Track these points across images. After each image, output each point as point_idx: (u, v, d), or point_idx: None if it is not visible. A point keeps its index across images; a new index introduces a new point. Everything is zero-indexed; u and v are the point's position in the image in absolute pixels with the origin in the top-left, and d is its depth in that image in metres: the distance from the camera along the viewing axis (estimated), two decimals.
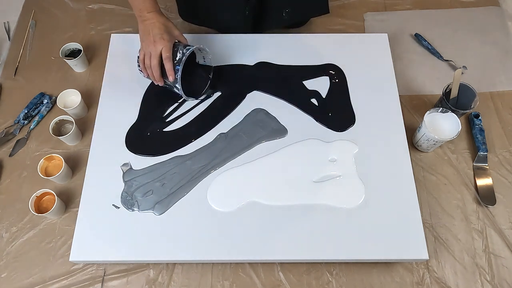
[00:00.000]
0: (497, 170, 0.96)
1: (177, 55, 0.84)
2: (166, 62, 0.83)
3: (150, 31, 0.83)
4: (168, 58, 0.83)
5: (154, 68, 0.84)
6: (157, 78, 0.86)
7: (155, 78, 0.86)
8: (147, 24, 0.84)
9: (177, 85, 0.85)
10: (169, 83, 0.87)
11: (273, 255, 0.79)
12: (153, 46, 0.83)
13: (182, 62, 0.83)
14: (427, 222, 0.90)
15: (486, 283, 0.84)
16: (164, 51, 0.82)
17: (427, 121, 0.91)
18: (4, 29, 1.20)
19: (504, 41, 1.14)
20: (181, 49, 0.85)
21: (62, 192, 0.92)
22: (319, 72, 1.00)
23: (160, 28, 0.83)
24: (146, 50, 0.84)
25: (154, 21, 0.84)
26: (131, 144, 0.90)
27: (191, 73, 0.92)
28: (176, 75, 0.84)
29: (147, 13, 0.84)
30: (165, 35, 0.83)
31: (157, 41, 0.82)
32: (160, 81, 0.87)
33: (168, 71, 0.84)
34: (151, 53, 0.83)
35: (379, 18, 1.20)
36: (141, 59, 0.87)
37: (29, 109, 1.01)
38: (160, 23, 0.84)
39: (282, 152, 0.89)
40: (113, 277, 0.85)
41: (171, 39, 0.85)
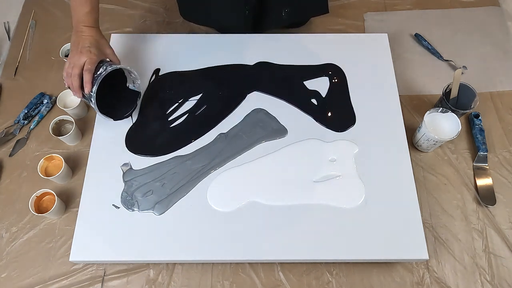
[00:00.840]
0: (497, 170, 0.96)
1: (100, 70, 0.83)
2: (85, 74, 0.81)
3: (80, 42, 0.83)
4: (88, 70, 0.81)
5: (74, 77, 0.82)
6: (75, 88, 0.84)
7: (73, 87, 0.84)
8: (79, 36, 0.84)
9: (92, 99, 0.83)
10: (86, 96, 0.85)
11: (273, 255, 0.79)
12: (78, 56, 0.82)
13: (100, 77, 0.81)
14: (427, 222, 0.90)
15: (486, 283, 0.84)
16: (87, 63, 0.81)
17: (427, 121, 0.91)
18: (4, 29, 1.20)
19: (504, 41, 1.14)
20: (106, 65, 0.83)
21: (62, 192, 0.92)
22: (319, 72, 1.00)
23: (91, 42, 0.83)
24: (71, 60, 0.83)
25: (88, 35, 0.84)
26: (131, 144, 0.90)
27: (120, 96, 0.91)
28: (92, 88, 0.81)
29: (83, 26, 0.84)
30: (93, 49, 0.82)
31: (83, 52, 0.81)
32: (78, 92, 0.84)
33: (85, 82, 0.81)
34: (74, 63, 0.82)
35: (379, 18, 1.20)
36: (65, 68, 0.85)
37: (29, 109, 1.01)
38: (93, 37, 0.84)
39: (282, 152, 0.89)
40: (113, 277, 0.85)
41: (99, 55, 0.83)
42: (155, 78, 0.99)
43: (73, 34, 0.85)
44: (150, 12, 1.21)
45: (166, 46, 1.03)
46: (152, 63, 1.00)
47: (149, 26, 1.18)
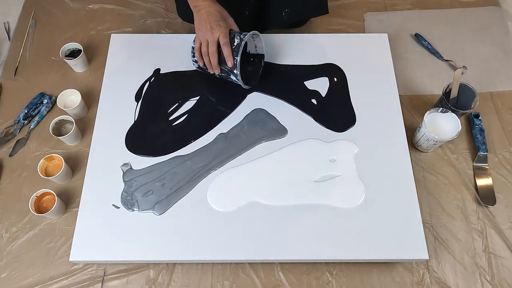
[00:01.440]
0: (497, 170, 0.96)
1: (235, 41, 0.84)
2: (225, 48, 0.83)
3: (206, 19, 0.83)
4: (226, 43, 0.82)
5: (213, 54, 0.84)
6: (215, 65, 0.86)
7: (213, 65, 0.86)
8: (202, 13, 0.84)
9: (235, 70, 0.85)
10: (226, 70, 0.87)
11: (273, 255, 0.79)
12: (210, 33, 0.82)
13: (240, 46, 0.83)
14: (427, 222, 0.90)
15: (486, 283, 0.84)
16: (221, 38, 0.82)
17: (427, 121, 0.91)
18: (4, 29, 1.20)
19: (504, 41, 1.14)
20: (238, 35, 0.85)
21: (62, 192, 0.92)
22: (319, 72, 1.00)
23: (216, 15, 0.84)
24: (203, 38, 0.84)
25: (210, 9, 0.84)
26: (131, 144, 0.90)
27: (243, 61, 0.90)
28: (235, 60, 0.83)
29: (202, 1, 0.85)
30: (222, 22, 0.83)
31: (214, 28, 0.82)
32: (217, 69, 0.86)
33: (227, 56, 0.83)
34: (208, 40, 0.83)
35: (379, 18, 1.20)
36: (197, 48, 0.86)
37: (29, 109, 1.01)
38: (216, 10, 0.84)
39: (282, 152, 0.89)
40: (113, 277, 0.85)
41: (227, 26, 0.85)
42: (155, 78, 0.99)
43: (194, 13, 0.86)
44: (150, 12, 1.21)
45: (166, 46, 1.03)
46: (152, 63, 1.00)
47: (149, 26, 1.18)
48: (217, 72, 0.88)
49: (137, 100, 0.96)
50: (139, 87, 0.97)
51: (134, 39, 1.05)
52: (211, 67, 0.87)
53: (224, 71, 0.88)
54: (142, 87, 0.97)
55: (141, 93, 0.97)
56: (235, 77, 0.87)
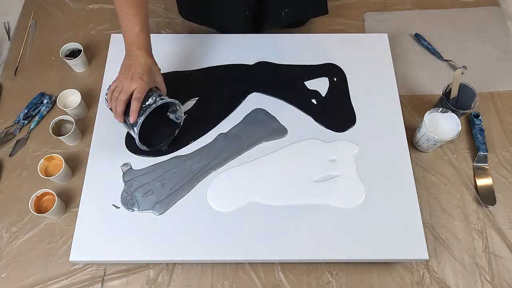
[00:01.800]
0: (497, 170, 0.96)
1: (149, 100, 0.79)
2: (134, 103, 0.77)
3: (132, 67, 0.79)
4: (137, 99, 0.77)
5: (120, 103, 0.78)
6: (119, 113, 0.80)
7: (117, 112, 0.79)
8: (132, 59, 0.80)
9: (135, 128, 0.79)
10: (128, 124, 0.82)
11: (273, 255, 0.79)
12: (128, 82, 0.78)
13: (149, 108, 0.78)
14: (427, 222, 0.90)
15: (486, 283, 0.84)
16: (136, 91, 0.77)
17: (427, 121, 0.91)
18: (4, 29, 1.20)
19: (504, 41, 1.14)
20: (156, 96, 0.80)
21: (62, 192, 0.92)
22: (319, 72, 1.00)
23: (144, 68, 0.79)
24: (120, 83, 0.79)
25: (141, 59, 0.80)
26: (131, 144, 0.90)
27: (157, 123, 0.87)
28: (139, 118, 0.78)
29: (137, 49, 0.81)
30: (145, 76, 0.79)
31: (134, 79, 0.78)
32: (120, 118, 0.80)
33: (132, 112, 0.77)
34: (123, 88, 0.78)
35: (379, 18, 1.20)
36: (111, 89, 0.81)
37: (29, 109, 1.01)
38: (146, 64, 0.80)
39: (282, 152, 0.89)
40: (113, 277, 0.85)
41: (150, 84, 0.80)
42: None
43: (125, 55, 0.82)
44: (150, 12, 1.20)
45: (166, 46, 1.03)
46: None
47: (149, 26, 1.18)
48: (119, 120, 0.81)
49: None
50: None
51: None
52: (115, 113, 0.80)
53: (126, 123, 0.82)
54: None
55: None
56: (134, 134, 0.82)
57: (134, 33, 0.81)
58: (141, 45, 0.82)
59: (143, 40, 0.82)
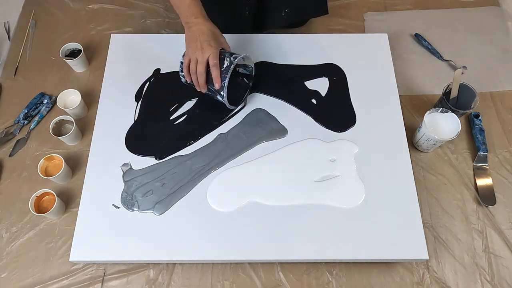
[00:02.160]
0: (497, 170, 0.96)
1: (224, 63, 0.83)
2: (214, 69, 0.81)
3: (197, 37, 0.82)
4: (215, 65, 0.81)
5: (200, 74, 0.83)
6: (202, 84, 0.84)
7: (200, 84, 0.85)
8: (194, 30, 0.83)
9: (222, 92, 0.84)
10: (213, 90, 0.86)
11: (273, 255, 0.79)
12: (200, 52, 0.81)
13: (230, 70, 0.82)
14: (427, 222, 0.90)
15: (486, 283, 0.84)
16: (211, 58, 0.81)
17: (427, 121, 0.91)
18: (4, 29, 1.20)
19: (504, 41, 1.14)
20: (228, 56, 0.84)
21: (62, 192, 0.92)
22: (319, 72, 1.00)
23: (208, 34, 0.82)
24: (192, 56, 0.83)
25: (202, 27, 0.83)
26: (131, 144, 0.90)
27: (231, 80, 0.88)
28: (223, 82, 0.83)
29: (194, 18, 0.83)
30: (213, 42, 0.82)
31: (204, 48, 0.81)
32: (204, 88, 0.85)
33: (215, 78, 0.82)
34: (197, 59, 0.82)
35: (379, 18, 1.20)
36: (186, 65, 0.85)
37: (29, 109, 1.01)
38: (208, 29, 0.83)
39: (282, 152, 0.89)
40: (113, 277, 0.85)
41: (218, 46, 0.83)
42: (155, 78, 0.99)
43: (186, 29, 0.85)
44: (150, 12, 1.21)
45: (166, 46, 1.03)
46: (152, 63, 1.00)
47: (149, 26, 1.18)
48: (203, 91, 0.87)
49: (137, 100, 0.96)
50: (139, 87, 0.97)
51: (134, 39, 1.05)
52: (197, 86, 0.86)
53: (211, 90, 0.87)
54: (142, 87, 0.97)
55: (141, 93, 0.97)
56: (221, 98, 0.86)
57: (187, 4, 0.84)
58: (197, 13, 0.84)
59: (197, 7, 0.84)
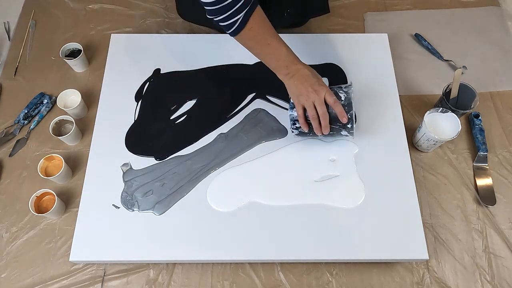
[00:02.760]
0: (497, 170, 0.96)
1: (341, 96, 0.82)
2: (337, 105, 0.79)
3: (304, 82, 0.80)
4: (336, 101, 0.79)
5: (325, 115, 0.80)
6: (326, 125, 0.81)
7: (324, 125, 0.81)
8: (297, 77, 0.81)
9: (349, 125, 0.82)
10: (337, 128, 0.83)
11: (273, 255, 0.79)
12: (315, 94, 0.79)
13: (350, 100, 0.81)
14: (427, 222, 0.90)
15: (486, 283, 0.84)
16: (329, 96, 0.79)
17: (427, 121, 0.91)
18: (4, 29, 1.20)
19: (504, 41, 1.14)
20: (338, 89, 0.82)
21: (62, 192, 0.92)
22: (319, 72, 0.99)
23: (313, 76, 0.81)
24: (307, 102, 0.80)
25: (304, 71, 0.81)
26: (131, 144, 0.90)
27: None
28: (348, 114, 0.80)
29: (294, 65, 0.81)
30: (320, 80, 0.80)
31: (317, 89, 0.79)
32: (328, 128, 0.82)
33: (340, 113, 0.79)
34: (314, 102, 0.79)
35: (379, 18, 1.20)
36: (301, 114, 0.82)
37: (29, 109, 1.01)
38: (310, 71, 0.81)
39: (282, 152, 0.89)
40: (113, 277, 0.85)
41: (325, 85, 0.81)
42: (155, 78, 0.99)
43: (288, 80, 0.82)
44: (150, 12, 1.21)
45: (166, 46, 1.03)
46: (152, 63, 1.01)
47: (149, 26, 1.18)
48: (326, 132, 0.83)
49: (137, 100, 0.96)
50: (139, 87, 0.97)
51: (134, 39, 1.05)
52: (319, 130, 0.82)
53: (334, 129, 0.84)
54: (142, 87, 0.97)
55: (141, 93, 0.97)
56: (347, 131, 0.84)
57: (284, 54, 0.82)
58: (296, 60, 0.83)
59: (293, 54, 0.83)
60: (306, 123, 0.83)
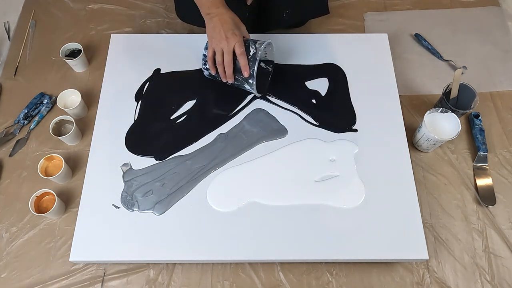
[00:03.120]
0: (497, 170, 0.96)
1: (250, 50, 0.83)
2: (241, 58, 0.81)
3: (220, 27, 0.81)
4: (243, 53, 0.81)
5: (228, 64, 0.82)
6: (230, 74, 0.84)
7: (228, 75, 0.84)
8: (216, 20, 0.82)
9: (251, 80, 0.84)
10: (241, 80, 0.86)
11: (273, 255, 0.79)
12: (225, 42, 0.80)
13: (257, 56, 0.82)
14: (427, 222, 0.90)
15: (486, 283, 0.84)
16: (237, 47, 0.80)
17: (427, 121, 0.91)
18: (4, 29, 1.20)
19: (504, 41, 1.14)
20: (253, 44, 0.84)
21: (62, 192, 0.92)
22: (319, 72, 1.00)
23: (231, 23, 0.81)
24: (217, 46, 0.82)
25: (224, 16, 0.82)
26: (131, 144, 0.90)
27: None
28: (251, 70, 0.83)
29: (215, 8, 0.82)
30: (236, 30, 0.81)
31: (229, 37, 0.80)
32: (231, 78, 0.85)
33: (243, 66, 0.82)
34: (223, 50, 0.81)
35: (379, 18, 1.20)
36: (210, 57, 0.85)
37: (29, 109, 1.01)
38: (230, 18, 0.82)
39: (282, 152, 0.89)
40: (113, 277, 0.85)
41: (241, 34, 0.82)
42: (155, 78, 0.99)
43: (207, 20, 0.84)
44: (150, 12, 1.21)
45: (166, 46, 1.03)
46: (152, 63, 1.00)
47: (149, 26, 1.18)
48: (230, 81, 0.86)
49: (137, 100, 0.96)
50: (139, 87, 0.97)
51: (134, 39, 1.05)
52: (224, 76, 0.86)
53: (238, 80, 0.87)
54: (142, 87, 0.97)
55: (141, 93, 0.97)
56: (250, 87, 0.87)
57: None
58: (218, 3, 0.83)
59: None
60: (214, 67, 0.86)
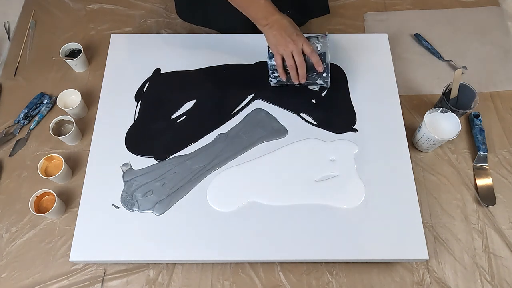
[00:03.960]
0: (497, 170, 0.96)
1: (317, 46, 0.85)
2: (313, 55, 0.83)
3: (283, 32, 0.82)
4: (313, 51, 0.83)
5: (301, 64, 0.83)
6: (303, 74, 0.85)
7: (301, 75, 0.85)
8: (276, 27, 0.82)
9: (325, 74, 0.86)
10: (313, 77, 0.87)
11: (273, 255, 0.79)
12: (293, 44, 0.81)
13: (327, 50, 0.84)
14: (427, 222, 0.90)
15: (486, 283, 0.84)
16: (306, 46, 0.82)
17: (427, 121, 0.91)
18: (4, 29, 1.20)
19: (504, 41, 1.14)
20: (314, 39, 0.86)
21: (62, 192, 0.92)
22: None
23: (290, 26, 0.83)
24: (286, 51, 0.83)
25: (282, 22, 0.83)
26: (131, 144, 0.90)
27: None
28: (324, 64, 0.84)
29: (272, 16, 0.83)
30: (298, 31, 0.83)
31: (295, 39, 0.82)
32: (304, 78, 0.86)
33: (317, 62, 0.84)
34: (292, 52, 0.82)
35: (379, 18, 1.20)
36: (280, 64, 0.85)
37: (29, 109, 1.01)
38: (288, 21, 0.83)
39: (282, 152, 0.89)
40: (113, 277, 0.85)
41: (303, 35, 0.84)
42: (155, 78, 0.99)
43: (267, 30, 0.84)
44: (150, 12, 1.21)
45: (166, 46, 1.03)
46: (152, 63, 1.01)
47: (149, 26, 1.18)
48: (303, 81, 0.87)
49: (137, 100, 0.96)
50: (139, 87, 0.97)
51: (134, 39, 1.05)
52: (297, 79, 0.87)
53: (310, 78, 0.88)
54: (142, 87, 0.97)
55: (141, 93, 0.97)
56: (323, 80, 0.88)
57: (263, 5, 0.83)
58: (274, 11, 0.84)
59: (271, 5, 0.84)
60: (284, 72, 0.87)
